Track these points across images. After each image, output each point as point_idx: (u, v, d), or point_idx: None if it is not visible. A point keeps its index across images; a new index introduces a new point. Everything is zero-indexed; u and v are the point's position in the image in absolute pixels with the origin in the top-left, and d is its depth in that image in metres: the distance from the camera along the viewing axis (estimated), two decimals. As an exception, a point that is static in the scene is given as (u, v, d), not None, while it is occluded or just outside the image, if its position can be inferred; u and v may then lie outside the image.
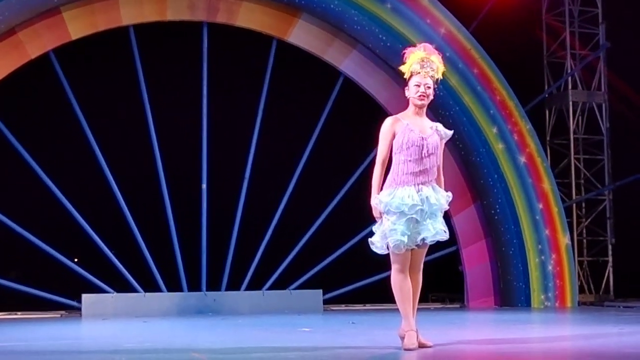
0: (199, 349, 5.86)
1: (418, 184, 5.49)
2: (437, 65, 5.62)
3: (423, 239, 5.48)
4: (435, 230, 5.48)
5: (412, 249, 5.51)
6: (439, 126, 5.67)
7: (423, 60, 5.59)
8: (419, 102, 5.58)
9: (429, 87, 5.58)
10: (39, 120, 10.63)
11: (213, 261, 10.66)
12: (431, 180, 5.55)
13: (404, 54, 5.70)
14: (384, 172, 5.56)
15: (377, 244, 5.58)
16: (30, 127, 10.46)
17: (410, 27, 10.63)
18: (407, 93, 5.65)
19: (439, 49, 5.79)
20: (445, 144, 5.79)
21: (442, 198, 5.55)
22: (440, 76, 5.66)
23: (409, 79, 5.62)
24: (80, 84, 10.46)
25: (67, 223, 10.27)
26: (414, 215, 5.42)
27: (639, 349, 5.43)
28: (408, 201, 5.41)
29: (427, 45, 5.75)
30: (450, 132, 5.71)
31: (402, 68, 5.68)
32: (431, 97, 5.63)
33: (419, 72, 5.57)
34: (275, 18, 10.87)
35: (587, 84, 12.64)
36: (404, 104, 5.71)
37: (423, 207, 5.44)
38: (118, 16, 10.43)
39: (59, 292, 10.20)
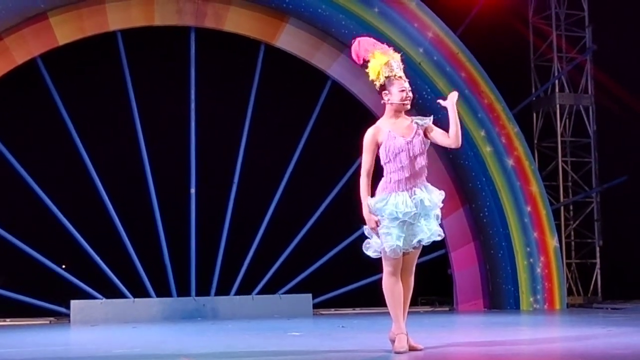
0: (189, 353, 5.85)
1: (411, 188, 5.49)
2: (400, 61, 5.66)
3: (419, 241, 5.49)
4: (431, 232, 5.49)
5: (406, 252, 5.50)
6: (419, 121, 5.63)
7: (390, 64, 5.59)
8: (407, 108, 5.60)
9: (410, 90, 5.63)
10: (26, 126, 10.59)
11: (202, 266, 10.64)
12: (423, 181, 5.56)
13: (364, 61, 5.68)
14: (370, 183, 5.55)
15: (373, 248, 5.57)
16: (17, 133, 10.42)
17: (398, 31, 10.65)
18: (387, 98, 5.60)
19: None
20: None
21: (435, 198, 5.55)
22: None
23: (386, 85, 5.58)
24: (68, 90, 10.43)
25: (54, 229, 10.23)
26: (407, 219, 5.43)
27: (627, 350, 5.45)
28: (402, 208, 5.41)
29: (363, 40, 5.72)
30: (427, 119, 5.66)
31: (371, 74, 5.64)
32: None
33: (400, 77, 5.58)
34: (263, 23, 10.87)
35: (574, 87, 12.70)
36: (392, 106, 5.72)
37: (417, 211, 5.45)
38: (105, 21, 10.40)
39: (47, 299, 10.16)
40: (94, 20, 10.36)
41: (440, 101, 5.68)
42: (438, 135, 5.62)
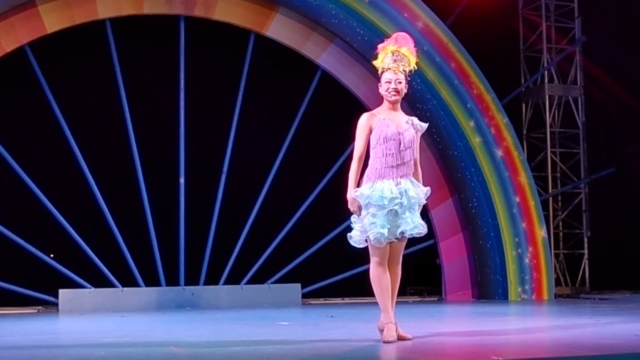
0: (178, 342, 5.85)
1: (396, 177, 5.53)
2: (409, 58, 5.65)
3: (402, 232, 5.51)
4: (414, 224, 5.52)
5: (391, 242, 5.53)
6: (415, 120, 5.72)
7: (394, 54, 5.63)
8: (391, 99, 5.62)
9: (400, 82, 5.61)
10: (14, 114, 10.53)
11: (191, 255, 10.63)
12: (409, 174, 5.60)
13: (377, 48, 5.73)
14: (360, 168, 5.60)
15: (355, 238, 5.60)
16: (5, 121, 10.36)
17: (388, 20, 10.64)
18: (380, 89, 5.68)
19: (415, 39, 5.80)
20: (422, 137, 5.83)
21: (420, 192, 5.59)
22: (412, 67, 5.68)
23: (381, 74, 5.66)
24: (56, 78, 10.38)
25: (43, 217, 10.18)
26: (394, 208, 5.45)
27: (615, 340, 5.48)
28: (387, 194, 5.45)
29: (401, 34, 5.76)
30: (425, 125, 5.76)
31: (375, 63, 5.73)
32: (404, 91, 5.66)
33: (390, 68, 5.60)
34: (253, 11, 10.84)
35: (564, 78, 12.73)
36: (381, 98, 5.73)
37: (402, 201, 5.47)
38: (94, 9, 10.35)
39: (36, 288, 10.12)
40: (83, 8, 10.30)
41: None
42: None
